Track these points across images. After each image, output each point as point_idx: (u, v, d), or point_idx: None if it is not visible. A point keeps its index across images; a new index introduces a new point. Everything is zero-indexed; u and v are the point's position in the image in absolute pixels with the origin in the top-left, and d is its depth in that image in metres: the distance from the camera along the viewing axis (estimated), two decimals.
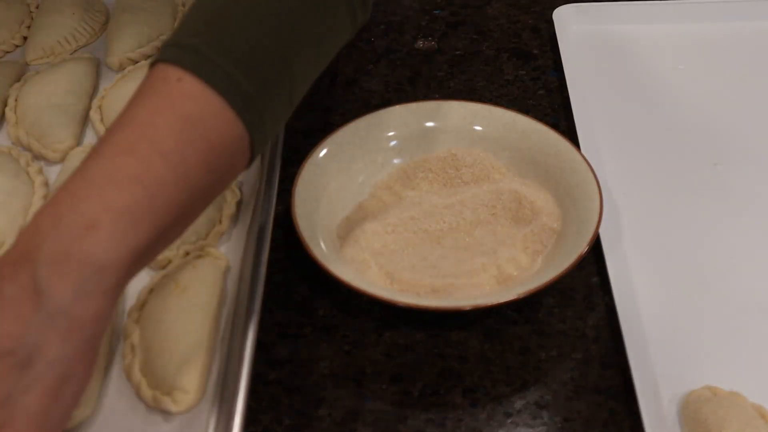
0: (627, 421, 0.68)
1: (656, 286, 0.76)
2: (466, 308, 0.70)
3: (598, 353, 0.72)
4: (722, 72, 0.98)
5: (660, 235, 0.80)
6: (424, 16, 1.08)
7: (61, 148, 0.86)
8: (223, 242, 0.79)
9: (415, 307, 0.70)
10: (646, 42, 1.02)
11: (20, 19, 1.03)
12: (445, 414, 0.69)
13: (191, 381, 0.66)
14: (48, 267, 0.52)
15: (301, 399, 0.70)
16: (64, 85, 0.91)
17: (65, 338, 0.52)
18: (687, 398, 0.67)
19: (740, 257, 0.78)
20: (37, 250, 0.52)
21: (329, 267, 0.71)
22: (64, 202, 0.53)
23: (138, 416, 0.66)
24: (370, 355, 0.73)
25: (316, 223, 0.76)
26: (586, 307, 0.76)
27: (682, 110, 0.93)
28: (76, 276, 0.52)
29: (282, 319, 0.76)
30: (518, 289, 0.70)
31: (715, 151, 0.88)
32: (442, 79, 0.99)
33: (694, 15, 1.04)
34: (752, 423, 0.63)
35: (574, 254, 0.71)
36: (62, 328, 0.52)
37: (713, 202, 0.83)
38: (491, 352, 0.73)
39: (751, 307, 0.74)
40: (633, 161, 0.87)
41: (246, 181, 0.84)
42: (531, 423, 0.68)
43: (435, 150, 0.84)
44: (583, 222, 0.75)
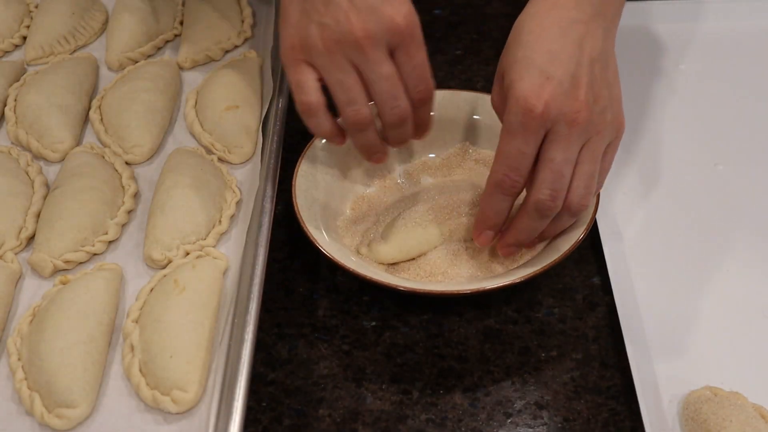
0: (627, 421, 0.68)
1: (656, 286, 0.76)
2: (466, 292, 0.70)
3: (598, 353, 0.72)
4: (723, 72, 0.98)
5: (660, 235, 0.80)
6: (424, 16, 1.08)
7: (60, 148, 0.86)
8: (223, 242, 0.79)
9: (416, 291, 0.70)
10: (646, 41, 1.02)
11: (20, 19, 1.03)
12: (445, 414, 0.69)
13: (191, 381, 0.66)
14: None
15: (301, 399, 0.70)
16: (63, 85, 0.91)
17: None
18: (687, 398, 0.67)
19: (740, 257, 0.78)
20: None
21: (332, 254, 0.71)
22: None
23: (138, 416, 0.66)
24: (370, 355, 0.73)
25: (316, 213, 0.76)
26: (586, 307, 0.76)
27: (683, 110, 0.93)
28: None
29: (282, 319, 0.76)
30: (518, 274, 0.70)
31: (716, 152, 0.88)
32: (442, 79, 0.99)
33: (695, 14, 1.04)
34: (752, 423, 0.63)
35: (572, 239, 0.72)
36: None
37: (714, 202, 0.83)
38: (491, 352, 0.73)
39: (751, 308, 0.74)
40: (633, 161, 0.87)
41: (246, 181, 0.84)
42: (531, 423, 0.68)
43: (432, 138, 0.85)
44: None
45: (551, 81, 0.66)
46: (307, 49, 0.70)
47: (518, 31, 0.70)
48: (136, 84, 0.90)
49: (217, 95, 0.89)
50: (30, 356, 0.68)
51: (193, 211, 0.78)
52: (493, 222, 0.72)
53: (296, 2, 0.71)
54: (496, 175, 0.69)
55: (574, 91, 0.66)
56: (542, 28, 0.68)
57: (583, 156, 0.68)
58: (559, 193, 0.68)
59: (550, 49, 0.67)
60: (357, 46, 0.69)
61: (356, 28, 0.68)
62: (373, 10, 0.69)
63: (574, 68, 0.67)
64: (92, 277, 0.73)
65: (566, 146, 0.67)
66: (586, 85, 0.67)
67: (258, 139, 0.86)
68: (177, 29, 1.01)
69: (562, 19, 0.68)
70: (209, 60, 0.97)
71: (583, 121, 0.66)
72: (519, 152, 0.67)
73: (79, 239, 0.77)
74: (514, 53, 0.68)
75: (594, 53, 0.68)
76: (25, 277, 0.76)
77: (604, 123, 0.68)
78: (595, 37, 0.69)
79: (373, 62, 0.70)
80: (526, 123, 0.66)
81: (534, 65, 0.67)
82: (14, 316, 0.73)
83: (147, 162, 0.87)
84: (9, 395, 0.68)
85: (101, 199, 0.79)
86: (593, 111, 0.67)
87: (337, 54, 0.69)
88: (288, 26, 0.71)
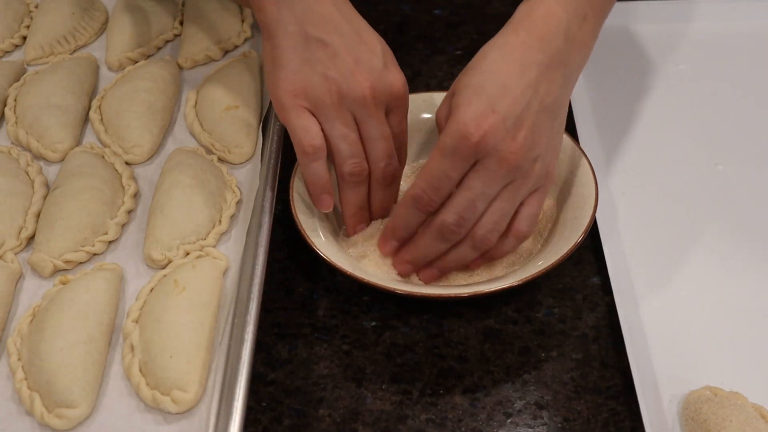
0: (627, 421, 0.68)
1: (656, 286, 0.76)
2: (464, 295, 0.70)
3: (598, 353, 0.72)
4: (723, 71, 0.98)
5: (660, 235, 0.80)
6: (424, 16, 1.08)
7: (60, 148, 0.86)
8: (223, 242, 0.79)
9: (413, 294, 0.70)
10: (646, 41, 1.02)
11: (20, 19, 1.03)
12: (445, 414, 0.69)
13: (191, 381, 0.66)
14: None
15: (301, 399, 0.70)
16: (63, 85, 0.91)
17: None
18: (687, 398, 0.67)
19: (740, 257, 0.78)
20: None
21: (330, 258, 0.71)
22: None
23: (138, 416, 0.66)
24: (370, 355, 0.73)
25: (315, 216, 0.76)
26: (586, 307, 0.76)
27: (683, 110, 0.93)
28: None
29: (282, 319, 0.76)
30: (517, 276, 0.70)
31: (716, 152, 0.88)
32: (442, 79, 0.99)
33: (695, 14, 1.04)
34: (752, 423, 0.63)
35: (571, 241, 0.72)
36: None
37: (714, 202, 0.83)
38: (491, 352, 0.73)
39: (751, 308, 0.74)
40: (633, 161, 0.87)
41: (246, 181, 0.84)
42: (531, 423, 0.68)
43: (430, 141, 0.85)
44: (579, 209, 0.75)
45: (496, 115, 0.66)
46: (311, 98, 0.72)
47: (481, 58, 0.70)
48: (136, 84, 0.90)
49: (217, 95, 0.89)
50: (30, 356, 0.68)
51: (193, 211, 0.78)
52: (400, 234, 0.73)
53: (295, 49, 0.72)
54: (415, 190, 0.70)
55: (514, 132, 0.67)
56: (504, 61, 0.69)
57: (502, 195, 0.69)
58: (465, 222, 0.69)
59: (505, 84, 0.67)
60: (364, 103, 0.71)
61: (365, 86, 0.71)
62: (378, 73, 0.72)
63: (521, 109, 0.67)
64: (92, 277, 0.73)
65: (488, 180, 0.68)
66: (527, 129, 0.68)
67: (258, 139, 0.86)
68: (177, 29, 1.01)
69: (525, 58, 0.69)
70: (209, 60, 0.97)
71: (513, 162, 0.67)
72: (444, 174, 0.68)
73: (79, 239, 0.77)
74: (470, 77, 0.69)
75: (547, 100, 0.69)
76: (25, 277, 0.76)
77: (532, 171, 0.69)
78: (552, 84, 0.69)
79: (377, 121, 0.73)
80: (459, 148, 0.66)
81: (484, 94, 0.67)
82: (14, 316, 0.73)
83: (147, 162, 0.87)
84: (9, 395, 0.68)
85: (101, 199, 0.79)
86: (527, 157, 0.68)
87: (344, 109, 0.72)
88: (287, 72, 0.72)
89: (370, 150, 0.74)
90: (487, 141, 0.66)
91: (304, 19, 0.72)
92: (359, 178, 0.74)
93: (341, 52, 0.72)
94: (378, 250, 0.76)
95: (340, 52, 0.72)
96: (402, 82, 0.74)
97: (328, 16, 0.73)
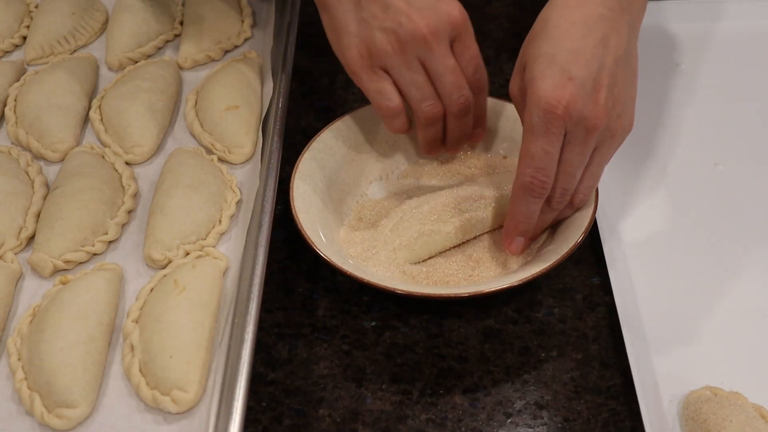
0: (627, 421, 0.68)
1: (656, 286, 0.76)
2: (464, 295, 0.70)
3: (598, 353, 0.72)
4: (723, 71, 0.98)
5: (660, 235, 0.80)
6: None
7: (60, 148, 0.86)
8: (223, 242, 0.79)
9: (413, 294, 0.70)
10: (647, 41, 1.02)
11: (20, 19, 1.03)
12: (445, 414, 0.69)
13: (191, 381, 0.66)
14: None
15: (301, 399, 0.70)
16: (63, 85, 0.91)
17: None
18: (687, 398, 0.67)
19: (740, 257, 0.78)
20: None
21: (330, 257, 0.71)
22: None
23: (138, 416, 0.66)
24: (370, 355, 0.73)
25: (315, 217, 0.76)
26: (586, 307, 0.76)
27: (683, 110, 0.93)
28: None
29: (282, 319, 0.76)
30: (517, 276, 0.70)
31: (716, 151, 0.88)
32: None
33: (695, 15, 1.04)
34: (752, 423, 0.63)
35: (571, 241, 0.72)
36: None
37: (714, 202, 0.83)
38: (491, 352, 0.73)
39: (751, 308, 0.74)
40: (633, 161, 0.87)
41: (246, 181, 0.84)
42: (531, 423, 0.68)
43: None
44: (579, 209, 0.75)
45: (573, 82, 0.66)
46: (377, 55, 0.73)
47: (544, 23, 0.69)
48: (136, 84, 0.90)
49: (217, 95, 0.89)
50: (30, 356, 0.68)
51: (193, 211, 0.78)
52: (524, 227, 0.73)
53: (351, 12, 0.73)
54: (523, 178, 0.69)
55: (594, 95, 0.67)
56: (569, 23, 0.68)
57: (594, 158, 0.70)
58: (568, 192, 0.71)
59: (574, 47, 0.67)
60: (425, 42, 0.72)
61: (421, 26, 0.72)
62: (432, 8, 0.72)
63: (596, 70, 0.67)
64: (92, 277, 0.73)
65: (582, 150, 0.68)
66: (606, 88, 0.67)
67: (258, 139, 0.86)
68: (177, 29, 1.01)
69: (588, 15, 0.68)
70: (209, 60, 0.97)
71: (600, 126, 0.67)
72: (544, 152, 0.67)
73: (79, 239, 0.77)
74: (538, 46, 0.68)
75: (618, 52, 0.69)
76: (25, 277, 0.76)
77: (618, 127, 0.70)
78: (620, 34, 0.69)
79: (441, 56, 0.73)
80: (548, 123, 0.66)
81: (557, 63, 0.67)
82: (14, 316, 0.73)
83: (147, 162, 0.87)
84: (9, 395, 0.68)
85: (101, 199, 0.79)
86: (611, 116, 0.68)
87: (407, 54, 0.73)
88: (349, 36, 0.74)
89: (440, 86, 0.75)
90: (571, 110, 0.66)
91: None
92: (435, 120, 0.77)
93: (392, 0, 0.72)
94: (381, 252, 0.76)
95: (392, 0, 0.72)
96: (459, 9, 0.74)
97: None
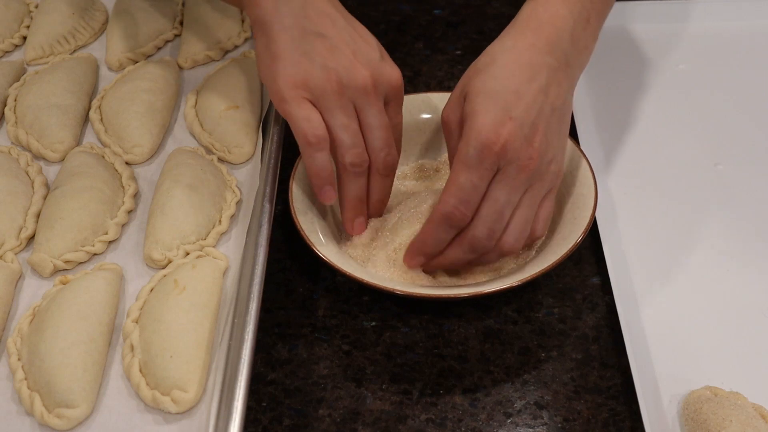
0: (627, 421, 0.68)
1: (656, 286, 0.76)
2: (463, 296, 0.70)
3: (598, 353, 0.72)
4: (723, 71, 0.98)
5: (660, 235, 0.80)
6: (424, 16, 1.08)
7: (60, 148, 0.86)
8: (223, 242, 0.79)
9: (412, 295, 0.70)
10: (646, 41, 1.02)
11: (20, 19, 1.03)
12: (445, 414, 0.69)
13: (191, 381, 0.66)
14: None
15: (301, 399, 0.70)
16: (63, 85, 0.91)
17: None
18: (687, 398, 0.67)
19: (740, 257, 0.78)
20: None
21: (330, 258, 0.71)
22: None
23: (138, 416, 0.66)
24: (370, 355, 0.73)
25: (314, 217, 0.76)
26: (586, 307, 0.76)
27: (683, 110, 0.93)
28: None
29: (282, 319, 0.76)
30: (517, 276, 0.70)
31: (716, 151, 0.88)
32: (442, 79, 0.99)
33: (695, 14, 1.04)
34: (752, 423, 0.63)
35: (571, 241, 0.72)
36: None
37: (714, 202, 0.83)
38: (491, 352, 0.73)
39: (751, 308, 0.74)
40: (633, 161, 0.87)
41: (246, 181, 0.84)
42: (531, 423, 0.68)
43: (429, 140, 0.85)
44: (579, 209, 0.75)
45: (513, 122, 0.67)
46: (312, 89, 0.72)
47: (491, 61, 0.70)
48: (136, 84, 0.90)
49: (217, 95, 0.89)
50: (30, 356, 0.68)
51: (193, 211, 0.78)
52: (429, 251, 0.73)
53: (296, 43, 0.72)
54: (445, 207, 0.69)
55: (531, 137, 0.68)
56: (516, 64, 0.69)
57: (524, 201, 0.70)
58: (495, 233, 0.70)
59: (517, 90, 0.68)
60: (365, 92, 0.72)
61: (365, 75, 0.72)
62: (375, 64, 0.73)
63: (535, 114, 0.68)
64: (92, 277, 0.73)
65: (512, 189, 0.68)
66: (542, 133, 0.69)
67: (258, 139, 0.86)
68: (177, 29, 1.01)
69: (534, 62, 0.69)
70: (209, 60, 0.97)
71: (532, 168, 0.68)
72: (472, 185, 0.68)
73: (79, 239, 0.77)
74: (483, 81, 0.69)
75: (557, 102, 0.70)
76: (25, 277, 0.76)
77: (548, 173, 0.70)
78: (560, 87, 0.71)
79: (377, 110, 0.73)
80: (483, 157, 0.67)
81: (500, 102, 0.68)
82: (14, 316, 0.73)
83: (147, 162, 0.87)
84: (9, 395, 0.68)
85: (101, 199, 0.79)
86: (543, 160, 0.69)
87: (345, 98, 0.72)
88: (286, 64, 0.72)
89: (370, 139, 0.74)
90: (507, 148, 0.67)
91: (301, 13, 0.73)
92: (360, 169, 0.74)
93: (340, 44, 0.72)
94: (380, 252, 0.76)
95: (339, 44, 0.72)
96: (399, 74, 0.74)
97: (325, 10, 0.73)
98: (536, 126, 0.68)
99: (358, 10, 1.08)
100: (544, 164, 0.69)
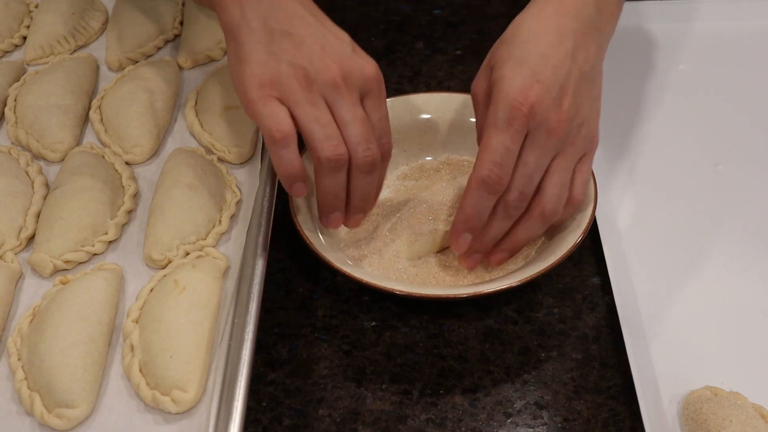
0: (627, 421, 0.68)
1: (656, 286, 0.76)
2: (463, 296, 0.70)
3: (598, 353, 0.72)
4: (723, 71, 0.98)
5: (660, 236, 0.80)
6: (424, 16, 1.08)
7: (60, 148, 0.86)
8: (223, 242, 0.79)
9: (412, 295, 0.70)
10: (646, 41, 1.02)
11: (20, 19, 1.03)
12: (445, 414, 0.69)
13: (191, 381, 0.66)
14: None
15: (301, 399, 0.70)
16: (63, 85, 0.91)
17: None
18: (687, 398, 0.67)
19: (740, 257, 0.78)
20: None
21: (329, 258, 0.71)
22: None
23: (138, 416, 0.66)
24: (370, 355, 0.73)
25: (314, 217, 0.76)
26: (586, 307, 0.76)
27: (683, 110, 0.93)
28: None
29: (282, 319, 0.76)
30: (517, 276, 0.70)
31: (716, 151, 0.88)
32: (442, 79, 0.99)
33: (695, 15, 1.04)
34: (752, 423, 0.63)
35: (571, 241, 0.72)
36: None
37: (714, 202, 0.83)
38: (491, 352, 0.73)
39: (752, 308, 0.74)
40: (633, 161, 0.87)
41: (246, 181, 0.84)
42: (531, 423, 0.68)
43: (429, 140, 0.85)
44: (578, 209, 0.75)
45: (540, 85, 0.67)
46: (279, 86, 0.69)
47: (516, 29, 0.70)
48: (136, 84, 0.90)
49: (217, 95, 0.89)
50: (30, 356, 0.68)
51: (193, 211, 0.78)
52: (474, 224, 0.71)
53: (262, 44, 0.70)
54: (481, 171, 0.68)
55: (559, 100, 0.68)
56: (541, 31, 0.69)
57: (555, 166, 0.70)
58: (526, 196, 0.69)
59: (544, 53, 0.68)
60: (335, 85, 0.69)
61: (333, 68, 0.69)
62: (346, 56, 0.70)
63: (563, 78, 0.68)
64: (92, 277, 0.73)
65: (541, 152, 0.68)
66: (570, 96, 0.68)
67: (258, 139, 0.86)
68: (177, 29, 1.01)
69: (561, 27, 0.69)
70: (209, 60, 0.97)
71: (561, 131, 0.68)
72: (505, 148, 0.67)
73: (79, 239, 0.77)
74: (509, 49, 0.69)
75: (585, 67, 0.70)
76: (25, 277, 0.76)
77: (579, 137, 0.70)
78: (588, 51, 0.70)
79: (350, 103, 0.70)
80: (512, 119, 0.66)
81: (526, 65, 0.68)
82: (14, 316, 0.73)
83: (147, 162, 0.87)
84: (9, 395, 0.68)
85: (101, 199, 0.79)
86: (572, 124, 0.69)
87: (313, 92, 0.69)
88: (252, 65, 0.70)
89: (346, 134, 0.70)
90: (536, 111, 0.67)
91: (269, 15, 0.71)
92: (337, 164, 0.69)
93: (307, 40, 0.70)
94: (379, 252, 0.76)
95: (307, 40, 0.70)
96: (373, 67, 0.71)
97: (293, 11, 0.71)
98: (564, 89, 0.68)
99: (358, 10, 1.08)
100: (574, 128, 0.69)
